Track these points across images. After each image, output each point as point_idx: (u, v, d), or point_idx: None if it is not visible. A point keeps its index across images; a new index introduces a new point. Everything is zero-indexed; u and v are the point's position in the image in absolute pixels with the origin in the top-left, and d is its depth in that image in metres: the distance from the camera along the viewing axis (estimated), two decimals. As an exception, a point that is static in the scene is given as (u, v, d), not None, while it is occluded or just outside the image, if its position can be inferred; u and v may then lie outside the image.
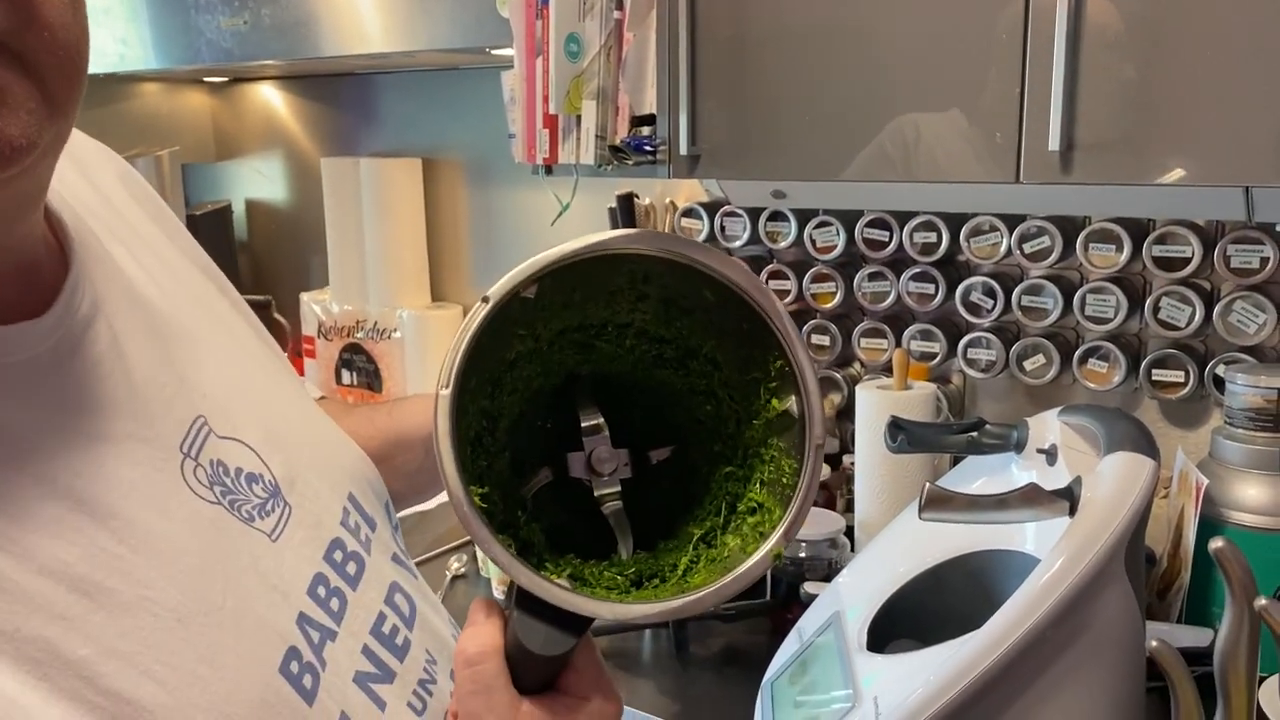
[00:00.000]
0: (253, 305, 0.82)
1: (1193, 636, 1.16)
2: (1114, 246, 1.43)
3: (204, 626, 0.53)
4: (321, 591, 0.62)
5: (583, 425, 0.58)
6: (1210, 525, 1.19)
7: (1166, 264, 1.40)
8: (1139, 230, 1.42)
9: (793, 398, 0.57)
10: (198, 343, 0.64)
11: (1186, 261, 1.38)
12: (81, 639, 0.48)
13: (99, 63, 2.19)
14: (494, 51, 1.67)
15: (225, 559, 0.56)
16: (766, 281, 1.74)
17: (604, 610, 0.53)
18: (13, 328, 0.51)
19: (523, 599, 0.53)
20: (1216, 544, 0.78)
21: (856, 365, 1.73)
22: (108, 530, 0.51)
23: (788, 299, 1.73)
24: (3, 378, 0.50)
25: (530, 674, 0.55)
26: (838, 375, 1.72)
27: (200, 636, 0.53)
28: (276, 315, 2.30)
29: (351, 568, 0.66)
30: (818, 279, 1.69)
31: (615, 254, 0.58)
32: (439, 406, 0.52)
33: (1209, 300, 1.40)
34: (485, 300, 0.56)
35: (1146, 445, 0.97)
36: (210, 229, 2.52)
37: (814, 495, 0.56)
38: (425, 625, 0.70)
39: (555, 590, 0.53)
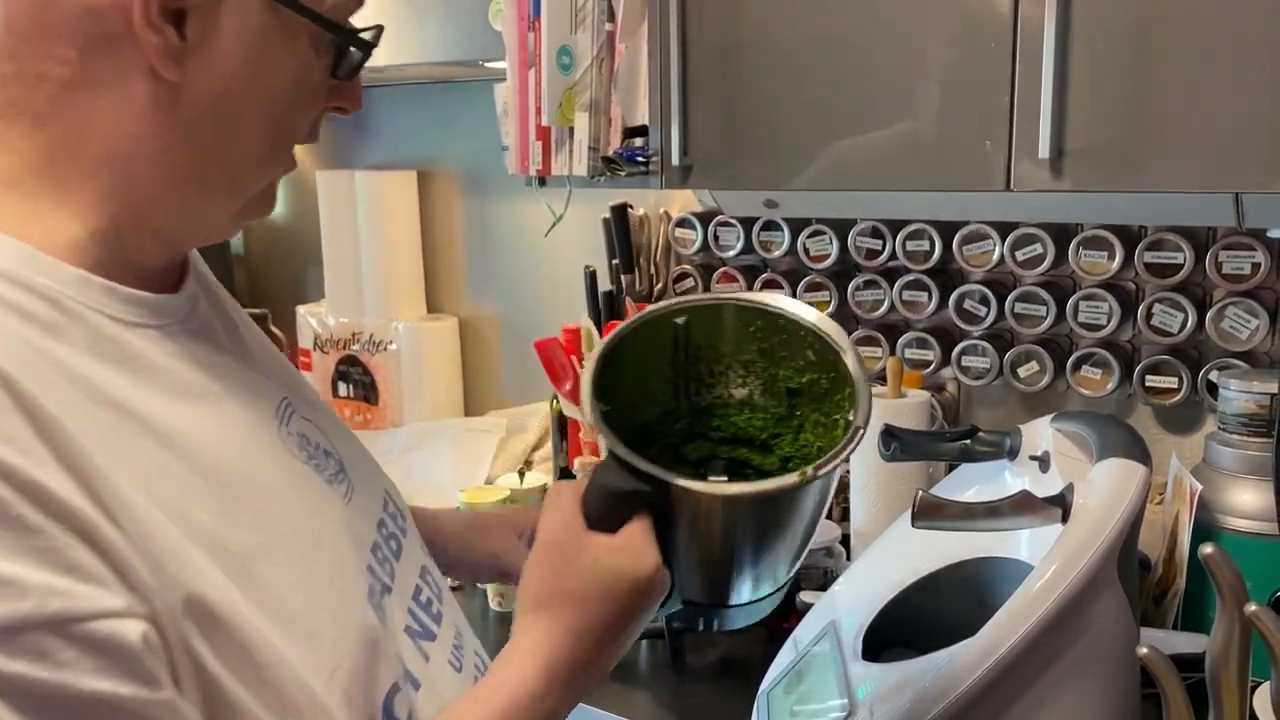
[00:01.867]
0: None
1: (1189, 643, 1.16)
2: (1106, 253, 1.43)
3: (316, 547, 0.65)
4: (378, 554, 0.72)
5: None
6: (1204, 531, 1.19)
7: (1158, 270, 1.40)
8: (1131, 237, 1.43)
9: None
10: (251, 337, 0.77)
11: (1178, 268, 1.39)
12: (237, 531, 0.59)
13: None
14: (487, 64, 1.68)
15: (318, 504, 0.68)
16: (761, 290, 1.74)
17: (654, 470, 0.71)
18: (173, 296, 0.66)
19: (601, 465, 0.73)
20: (1207, 550, 0.78)
21: (851, 374, 1.73)
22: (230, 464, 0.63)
23: (782, 308, 1.73)
24: (169, 335, 0.64)
25: (594, 513, 0.72)
26: (833, 384, 1.72)
27: (314, 557, 0.64)
28: (273, 328, 2.30)
29: (394, 544, 0.76)
30: (812, 288, 1.70)
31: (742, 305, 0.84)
32: (598, 349, 0.78)
33: (1201, 306, 1.41)
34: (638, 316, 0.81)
35: (1138, 451, 0.97)
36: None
37: (844, 458, 0.73)
38: (450, 604, 0.79)
39: (622, 448, 0.72)
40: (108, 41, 0.59)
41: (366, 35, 0.68)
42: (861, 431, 0.75)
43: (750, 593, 0.82)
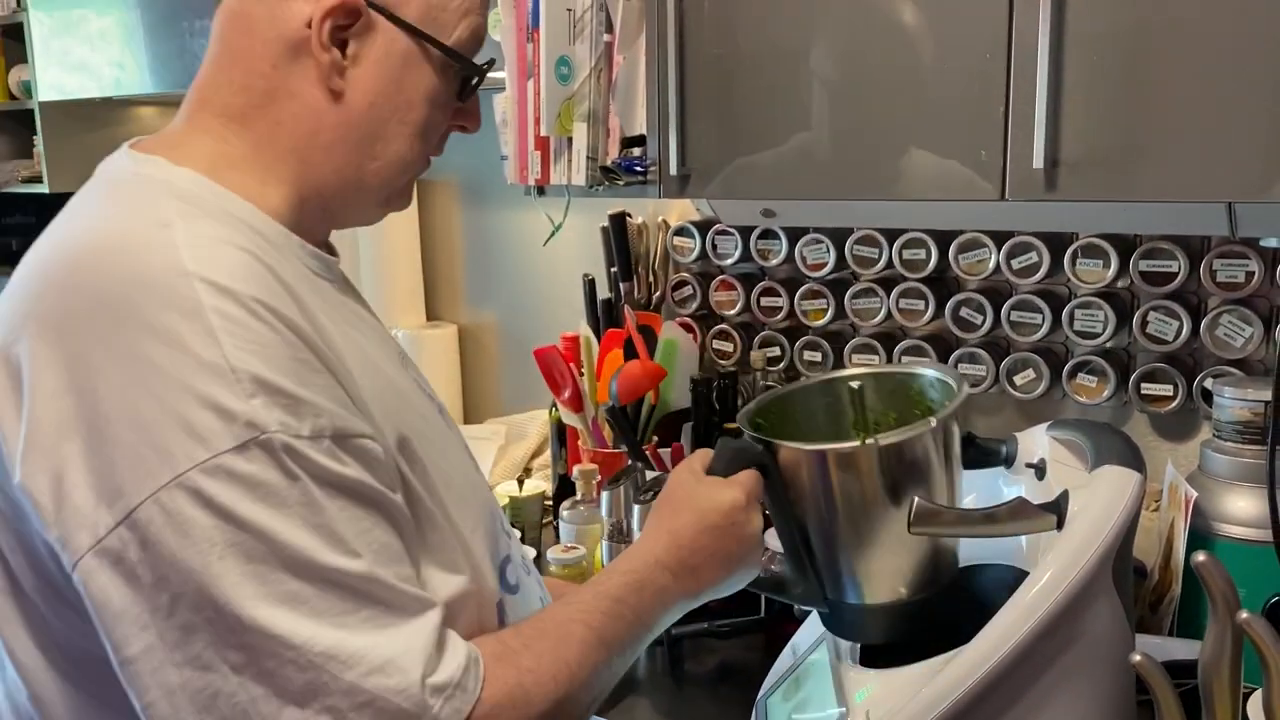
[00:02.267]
0: None
1: (1185, 649, 1.16)
2: (1101, 262, 1.44)
3: (451, 445, 0.89)
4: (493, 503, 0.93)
5: None
6: (1200, 538, 1.20)
7: (1153, 279, 1.41)
8: (1126, 246, 1.44)
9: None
10: None
11: (1173, 276, 1.40)
12: (408, 415, 0.81)
13: (95, 86, 2.20)
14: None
15: (444, 425, 0.90)
16: (759, 299, 1.75)
17: (761, 435, 0.97)
18: (335, 259, 0.86)
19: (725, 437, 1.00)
20: (1199, 558, 0.78)
21: (849, 381, 1.74)
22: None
23: (779, 316, 1.74)
24: (335, 288, 0.83)
25: (715, 468, 0.95)
26: (830, 391, 1.73)
27: (451, 449, 0.88)
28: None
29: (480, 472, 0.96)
30: (809, 296, 1.71)
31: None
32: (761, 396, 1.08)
33: (1196, 314, 1.41)
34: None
35: (1133, 459, 0.97)
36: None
37: (903, 437, 0.95)
38: (535, 572, 0.98)
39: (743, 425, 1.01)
40: (293, 60, 0.80)
41: (481, 66, 0.87)
42: (931, 424, 0.94)
43: (829, 583, 0.99)
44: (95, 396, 0.66)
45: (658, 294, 1.87)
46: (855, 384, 1.06)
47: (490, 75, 0.89)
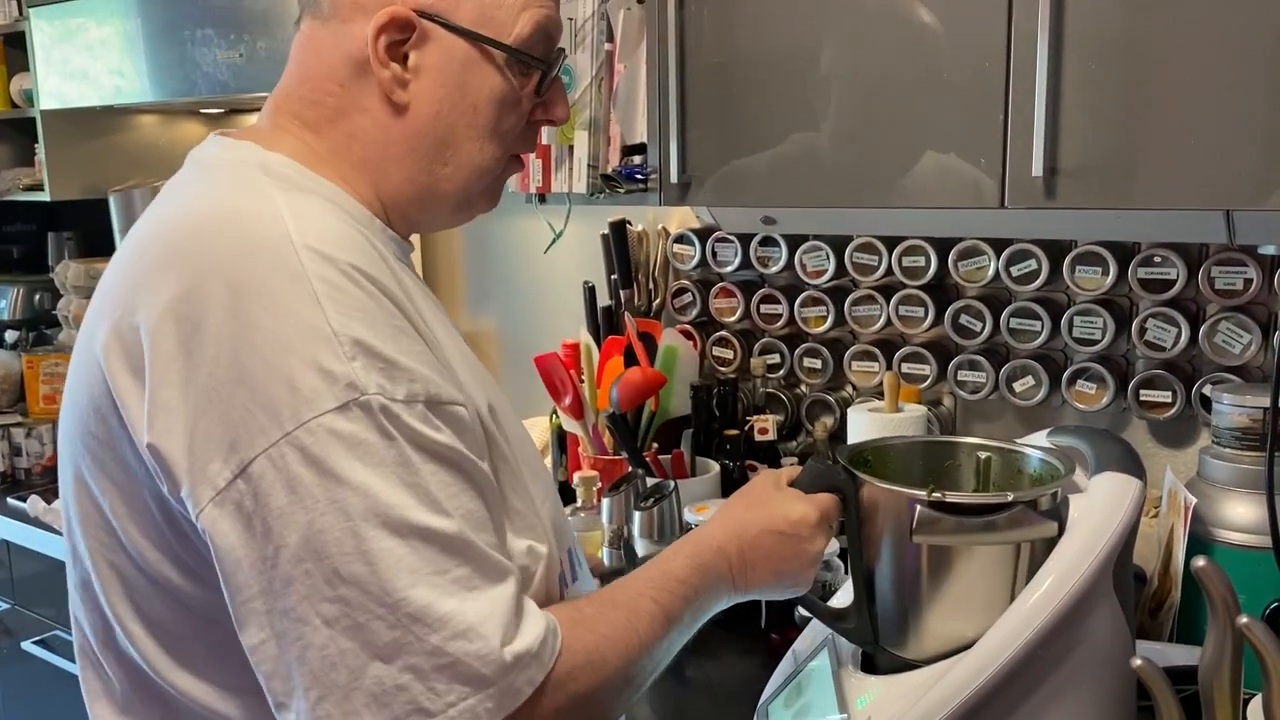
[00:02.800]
0: None
1: (1185, 655, 1.17)
2: (1100, 269, 1.45)
3: (520, 427, 0.89)
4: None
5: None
6: (1199, 544, 1.20)
7: (1152, 286, 1.42)
8: (1124, 253, 1.44)
9: None
10: None
11: (1171, 284, 1.40)
12: (482, 389, 0.82)
13: (96, 95, 2.21)
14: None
15: (514, 413, 0.90)
16: (759, 306, 1.76)
17: (847, 465, 0.99)
18: (410, 246, 0.91)
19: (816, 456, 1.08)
20: (1198, 563, 0.79)
21: (848, 388, 1.75)
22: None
23: (779, 323, 1.75)
24: (409, 272, 0.84)
25: (800, 484, 0.98)
26: (829, 398, 1.74)
27: (521, 431, 0.89)
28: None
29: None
30: (809, 303, 1.71)
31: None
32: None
33: (1194, 321, 1.42)
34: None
35: (1133, 465, 0.98)
36: (206, 258, 2.52)
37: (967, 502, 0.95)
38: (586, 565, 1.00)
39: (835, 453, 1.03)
40: (359, 78, 0.82)
41: (547, 59, 0.87)
42: (1008, 497, 0.93)
43: (883, 629, 1.00)
44: (211, 359, 0.69)
45: (658, 301, 1.87)
46: (983, 454, 1.05)
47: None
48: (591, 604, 0.82)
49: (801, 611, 1.29)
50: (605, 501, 1.50)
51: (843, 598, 1.06)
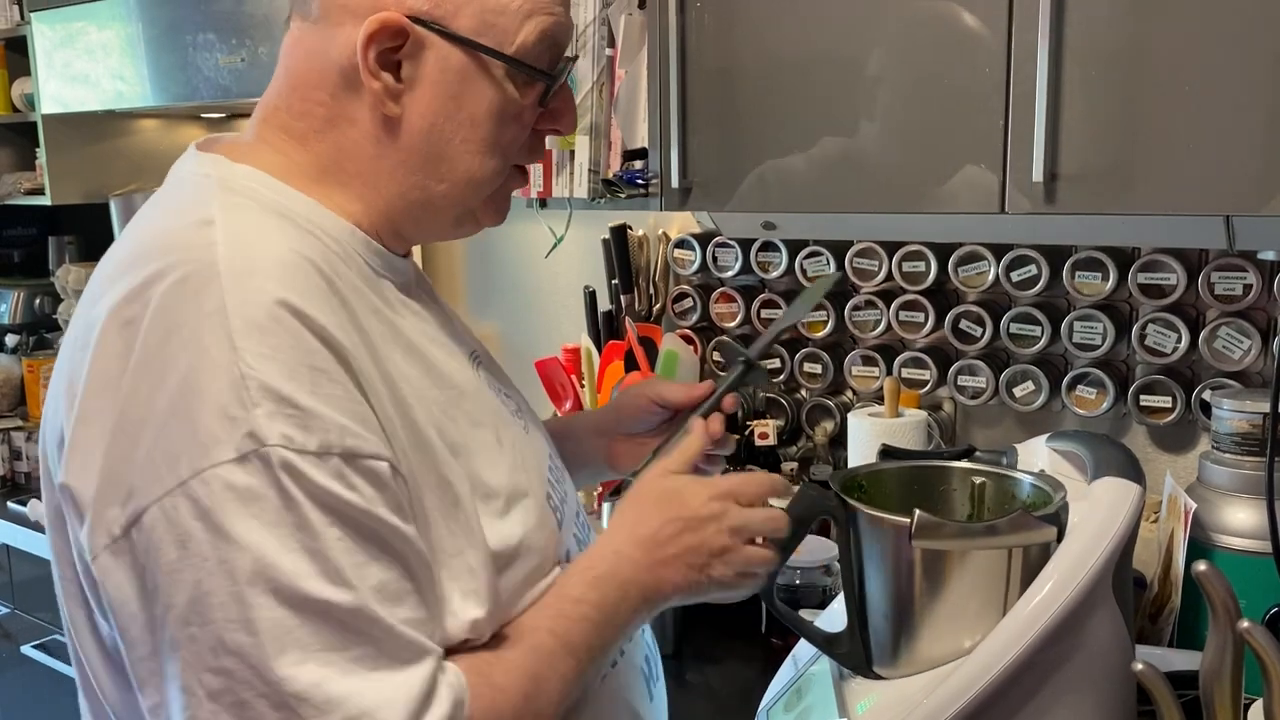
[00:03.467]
0: None
1: (1185, 660, 1.17)
2: (1100, 274, 1.45)
3: (507, 448, 0.83)
4: (552, 476, 0.90)
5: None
6: (1199, 549, 1.20)
7: (1152, 291, 1.42)
8: (1124, 258, 1.44)
9: None
10: None
11: (1171, 289, 1.41)
12: (453, 425, 0.78)
13: (97, 99, 2.21)
14: (488, 87, 1.70)
15: (506, 422, 0.86)
16: (759, 311, 1.76)
17: (836, 490, 0.98)
18: (404, 259, 0.85)
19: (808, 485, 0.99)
20: (1200, 567, 0.79)
21: (848, 393, 1.75)
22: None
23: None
24: (399, 287, 0.82)
25: (794, 512, 0.93)
26: (830, 403, 1.74)
27: (506, 452, 0.82)
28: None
29: (562, 478, 0.92)
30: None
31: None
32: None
33: (1194, 327, 1.42)
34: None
35: (1132, 470, 0.98)
36: (207, 263, 2.53)
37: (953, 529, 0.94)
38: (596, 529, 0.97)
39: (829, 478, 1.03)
40: (349, 88, 0.77)
41: (550, 71, 0.82)
42: (986, 526, 0.93)
43: (875, 653, 0.99)
44: (128, 394, 0.66)
45: (658, 306, 1.87)
46: (978, 480, 1.05)
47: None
48: (492, 646, 0.76)
49: (802, 616, 1.29)
50: (606, 506, 1.50)
51: (835, 621, 1.06)
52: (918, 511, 0.93)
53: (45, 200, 2.42)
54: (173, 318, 0.67)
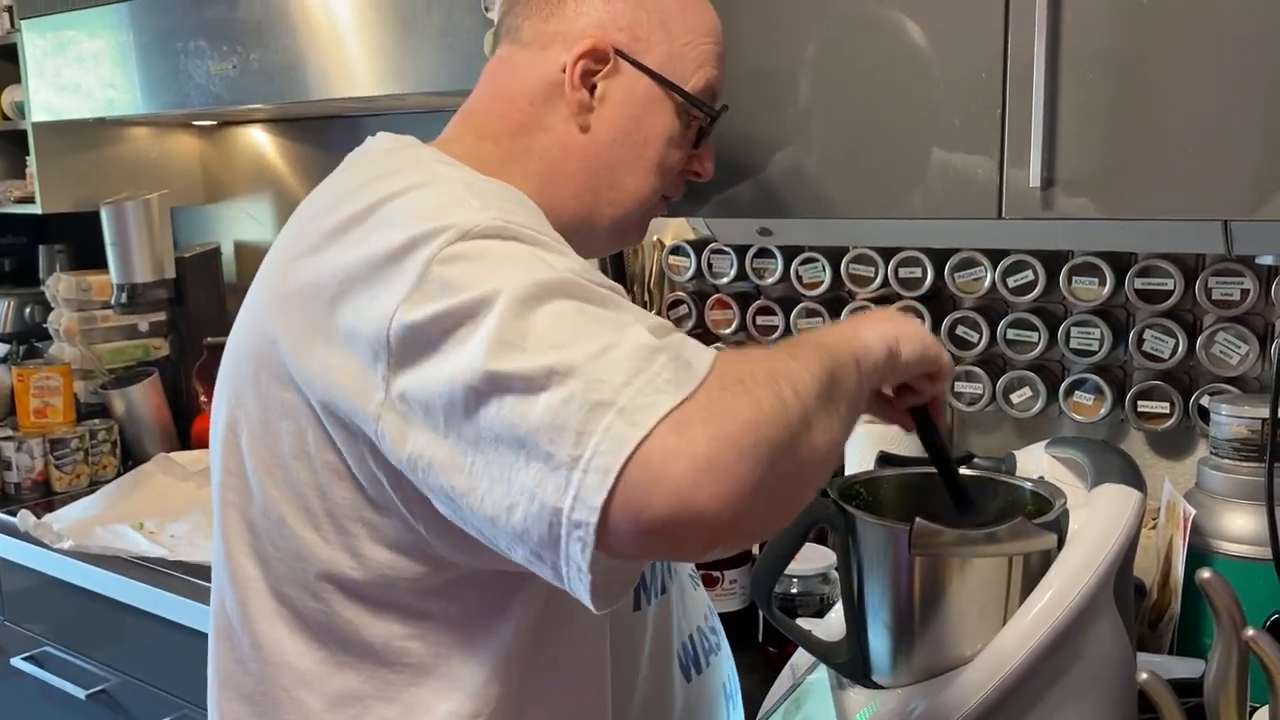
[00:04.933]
0: None
1: (1185, 667, 1.16)
2: (1097, 280, 1.44)
3: None
4: None
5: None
6: (1198, 556, 1.20)
7: (1149, 296, 1.42)
8: (1121, 263, 1.44)
9: None
10: None
11: (1168, 294, 1.40)
12: None
13: (88, 107, 2.20)
14: (481, 94, 1.69)
15: None
16: (755, 318, 1.75)
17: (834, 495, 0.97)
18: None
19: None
20: (1204, 575, 0.78)
21: (845, 400, 1.74)
22: None
23: (775, 335, 1.74)
24: None
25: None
26: (826, 410, 1.73)
27: None
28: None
29: None
30: (805, 314, 1.71)
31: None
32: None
33: (1192, 332, 1.42)
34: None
35: (1133, 477, 0.97)
36: (199, 271, 2.52)
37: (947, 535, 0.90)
38: None
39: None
40: (548, 99, 0.91)
41: (714, 112, 0.98)
42: (986, 533, 0.89)
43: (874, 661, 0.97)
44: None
45: (654, 313, 1.87)
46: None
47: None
48: None
49: (800, 624, 1.28)
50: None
51: (833, 629, 1.05)
52: (917, 519, 0.92)
53: (36, 209, 2.41)
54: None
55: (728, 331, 1.78)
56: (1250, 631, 0.75)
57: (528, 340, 0.65)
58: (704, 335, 1.83)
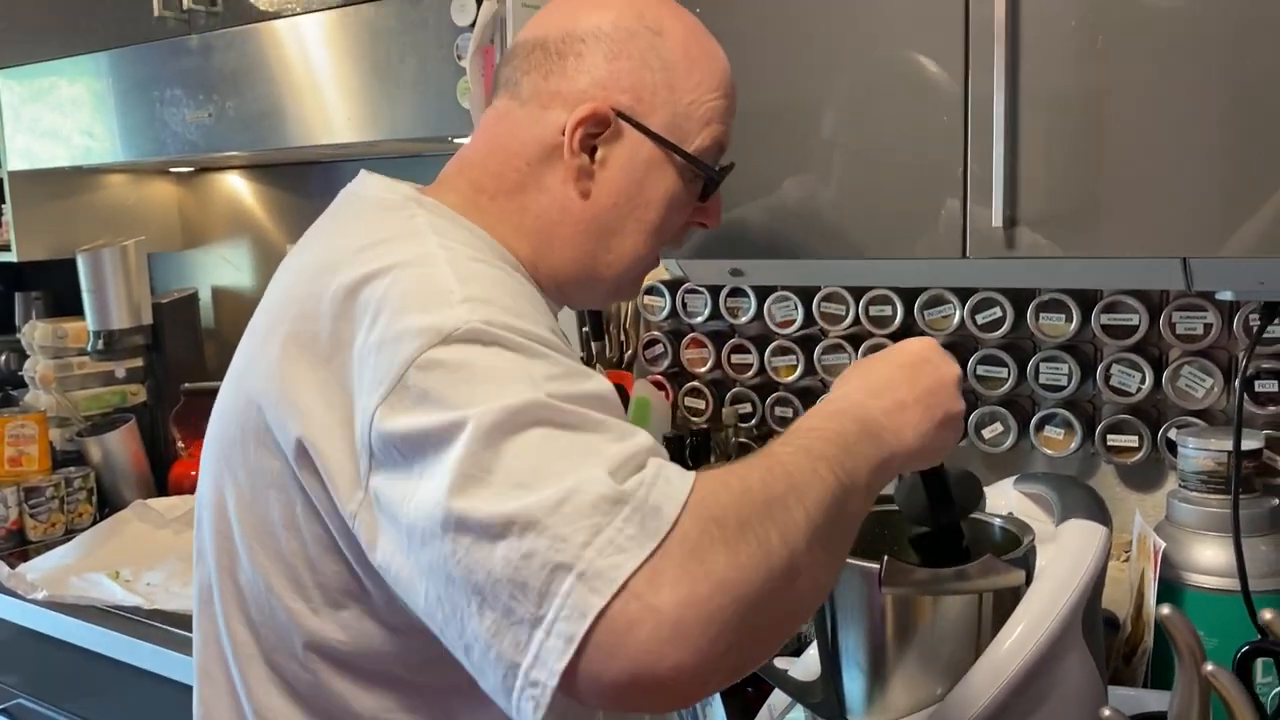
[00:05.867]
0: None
1: (1159, 701, 1.17)
2: (1064, 316, 1.46)
3: None
4: None
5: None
6: (1170, 588, 1.21)
7: (1115, 332, 1.44)
8: (1087, 300, 1.46)
9: None
10: None
11: (1134, 329, 1.42)
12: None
13: (66, 154, 2.21)
14: (456, 140, 1.70)
15: None
16: (729, 356, 1.76)
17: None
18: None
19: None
20: (1164, 611, 0.79)
21: (820, 437, 1.75)
22: None
23: (750, 373, 1.75)
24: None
25: None
26: (802, 448, 1.74)
27: None
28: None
29: None
30: (779, 352, 1.72)
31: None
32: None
33: (1158, 366, 1.44)
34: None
35: (1098, 512, 0.99)
36: (177, 317, 2.51)
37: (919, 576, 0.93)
38: None
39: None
40: (546, 160, 0.89)
41: (720, 171, 0.96)
42: (956, 570, 0.91)
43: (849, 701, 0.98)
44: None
45: (629, 352, 1.88)
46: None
47: (459, 141, 0.92)
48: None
49: (776, 663, 1.28)
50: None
51: (809, 669, 1.05)
52: (886, 558, 0.93)
53: (11, 257, 2.41)
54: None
55: (703, 370, 1.80)
56: (1209, 667, 0.76)
57: (493, 475, 0.64)
58: (680, 374, 1.84)
